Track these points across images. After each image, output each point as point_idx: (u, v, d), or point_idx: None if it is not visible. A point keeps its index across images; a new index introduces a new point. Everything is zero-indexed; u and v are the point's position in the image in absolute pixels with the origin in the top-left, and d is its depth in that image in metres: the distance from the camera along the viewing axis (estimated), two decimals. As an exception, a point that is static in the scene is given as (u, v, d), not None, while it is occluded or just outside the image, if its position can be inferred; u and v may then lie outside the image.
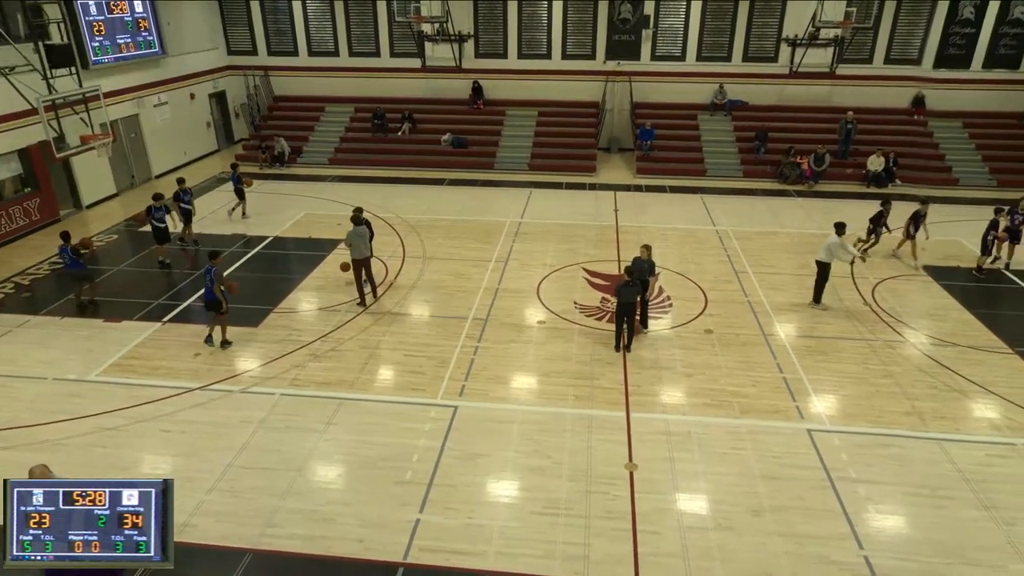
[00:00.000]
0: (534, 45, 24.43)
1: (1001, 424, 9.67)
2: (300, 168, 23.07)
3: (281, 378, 10.70)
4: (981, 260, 14.57)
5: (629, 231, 17.15)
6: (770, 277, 14.41)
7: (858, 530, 7.75)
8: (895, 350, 11.60)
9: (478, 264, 15.10)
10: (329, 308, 13.03)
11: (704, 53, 23.82)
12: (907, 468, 8.77)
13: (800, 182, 21.05)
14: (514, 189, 20.94)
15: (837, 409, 10.06)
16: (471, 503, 8.16)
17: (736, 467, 8.77)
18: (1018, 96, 22.87)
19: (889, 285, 14.06)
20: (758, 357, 11.38)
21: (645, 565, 7.28)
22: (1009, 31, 22.00)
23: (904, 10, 22.58)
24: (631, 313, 11.34)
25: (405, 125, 24.13)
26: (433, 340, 11.91)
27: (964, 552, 7.46)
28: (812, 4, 21.93)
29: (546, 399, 10.26)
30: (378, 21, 24.63)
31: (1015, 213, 14.50)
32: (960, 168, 21.43)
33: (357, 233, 12.75)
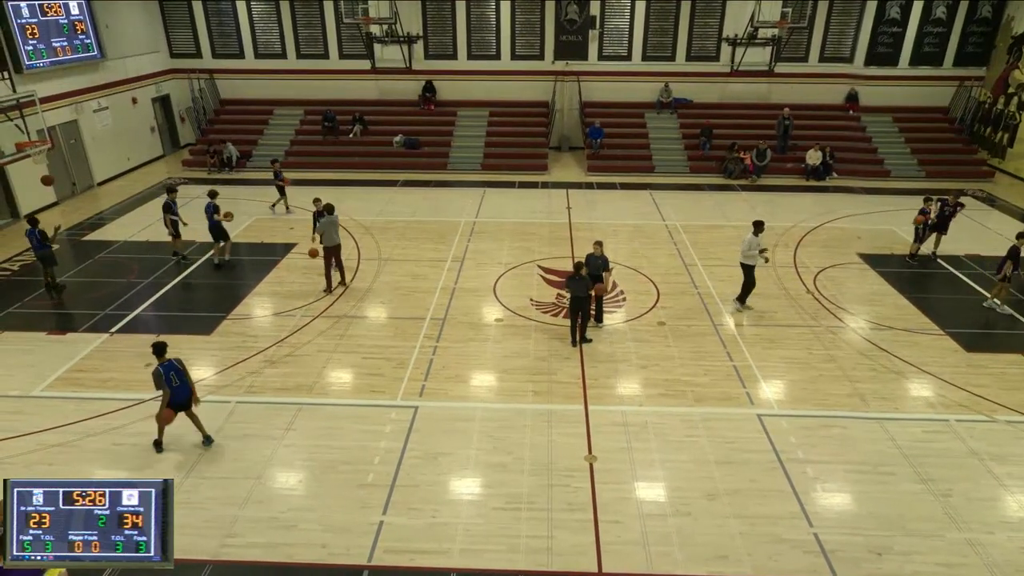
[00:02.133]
0: (483, 46, 24.54)
1: (935, 402, 10.25)
2: (250, 172, 22.64)
3: (236, 385, 10.55)
4: (913, 247, 15.33)
5: (582, 228, 17.43)
6: (718, 269, 14.87)
7: (807, 508, 8.12)
8: (837, 335, 12.15)
9: (434, 264, 15.14)
10: (284, 313, 12.88)
11: (649, 53, 24.35)
12: (850, 447, 9.22)
13: (744, 177, 21.74)
14: (467, 189, 21.02)
15: (784, 394, 10.49)
16: (434, 502, 8.23)
17: (691, 454, 9.07)
18: (942, 91, 24.13)
19: (829, 273, 14.68)
20: (709, 347, 11.76)
21: (607, 554, 7.49)
22: (932, 30, 23.18)
23: (836, 10, 23.54)
24: (585, 307, 11.58)
25: (356, 127, 23.93)
26: (391, 341, 11.91)
27: (904, 524, 7.90)
28: (750, 5, 22.67)
29: (505, 396, 10.39)
30: (326, 22, 24.35)
31: (946, 206, 15.31)
32: (891, 161, 22.48)
33: (330, 222, 13.33)
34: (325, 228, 13.29)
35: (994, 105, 23.06)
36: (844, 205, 19.36)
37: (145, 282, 14.16)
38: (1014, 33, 22.20)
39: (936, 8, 22.81)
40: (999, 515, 8.05)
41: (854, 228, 17.48)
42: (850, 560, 7.38)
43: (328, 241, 13.38)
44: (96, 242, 16.32)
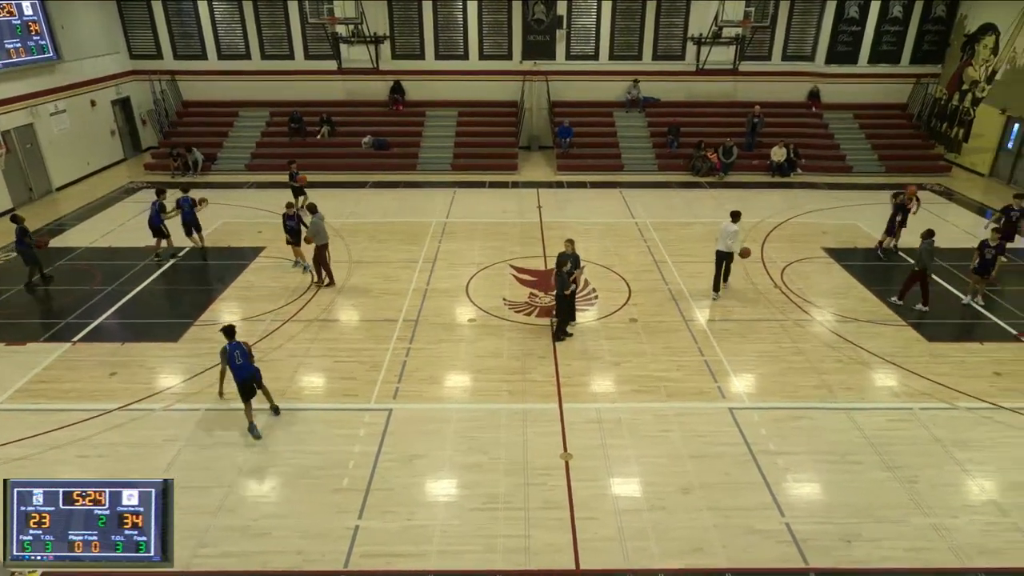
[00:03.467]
0: (451, 46, 24.47)
1: (900, 391, 10.52)
2: (215, 175, 22.24)
3: (206, 393, 10.35)
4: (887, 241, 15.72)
5: (553, 227, 17.50)
6: (688, 265, 15.05)
7: (779, 499, 8.27)
8: (804, 328, 12.39)
9: (406, 266, 15.05)
10: (254, 318, 12.69)
11: (616, 52, 24.54)
12: (819, 437, 9.42)
13: (711, 174, 22.04)
14: (438, 189, 20.94)
15: (755, 387, 10.67)
16: (411, 505, 8.19)
17: (665, 449, 9.17)
18: (900, 88, 24.79)
19: (795, 268, 14.96)
20: (680, 342, 11.90)
21: (584, 551, 7.53)
22: (890, 29, 23.79)
23: (797, 10, 24.02)
24: (560, 303, 11.68)
25: (324, 128, 23.67)
26: (363, 344, 11.81)
27: (873, 511, 8.09)
28: (714, 4, 22.99)
29: (480, 396, 10.38)
30: (290, 23, 24.03)
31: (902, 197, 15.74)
32: (853, 156, 23.00)
33: (320, 218, 13.76)
34: (318, 228, 13.57)
35: (949, 101, 23.76)
36: (808, 200, 19.76)
37: (108, 289, 13.81)
38: (967, 32, 22.90)
39: (893, 8, 23.43)
40: (962, 500, 8.29)
41: (819, 223, 17.85)
42: (821, 548, 7.54)
43: (321, 239, 13.62)
44: (56, 249, 15.86)
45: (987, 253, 12.76)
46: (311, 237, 13.65)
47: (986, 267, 12.88)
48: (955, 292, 13.71)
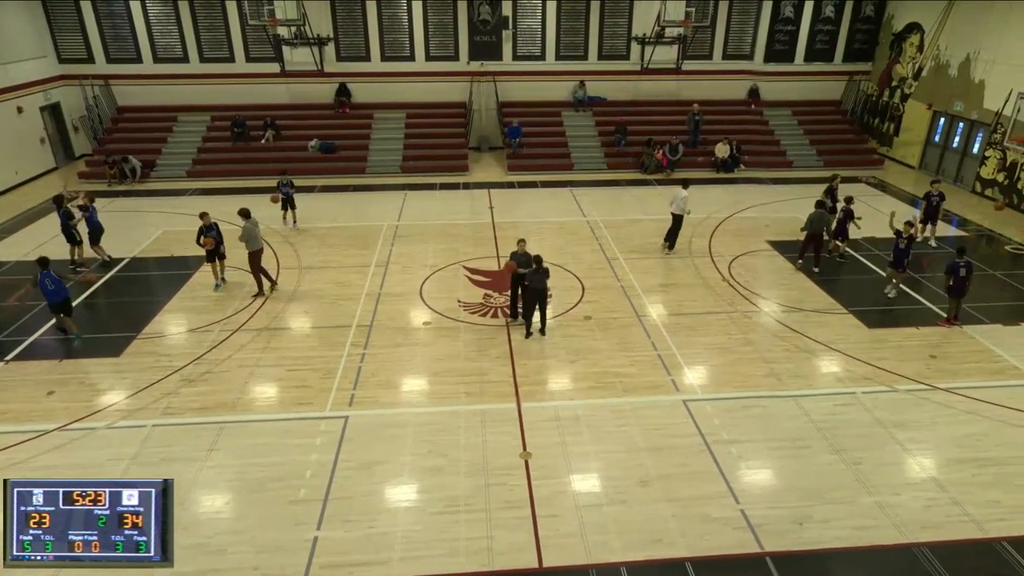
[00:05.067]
0: (397, 47, 24.26)
1: (844, 376, 10.93)
2: (155, 183, 21.49)
3: (152, 408, 10.00)
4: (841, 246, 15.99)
5: (505, 227, 17.53)
6: (639, 262, 15.30)
7: (734, 487, 8.48)
8: (752, 319, 12.75)
9: (357, 270, 14.85)
10: (201, 329, 12.31)
11: (562, 52, 24.76)
12: (770, 425, 9.70)
13: (659, 171, 22.46)
14: (388, 192, 20.73)
15: (707, 378, 10.92)
16: (371, 512, 8.09)
17: (623, 443, 9.30)
18: (835, 85, 25.78)
19: (742, 261, 15.38)
20: (635, 338, 12.09)
21: (547, 548, 7.57)
22: (823, 28, 24.70)
23: (736, 10, 24.70)
24: (543, 299, 11.78)
25: (268, 132, 23.14)
26: (317, 351, 11.60)
27: (822, 493, 8.38)
28: (656, 4, 23.44)
29: (438, 399, 10.33)
30: (229, 24, 23.40)
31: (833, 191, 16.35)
32: (793, 152, 23.80)
33: (254, 223, 13.32)
34: (252, 232, 13.13)
35: (880, 97, 24.83)
36: (752, 195, 20.33)
37: (43, 304, 13.16)
38: (894, 30, 23.96)
39: (825, 7, 24.33)
40: (904, 478, 8.67)
41: (762, 217, 18.39)
42: (775, 532, 7.77)
43: (254, 245, 13.22)
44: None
45: (900, 243, 13.09)
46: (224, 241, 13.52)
47: (900, 259, 13.17)
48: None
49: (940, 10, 21.53)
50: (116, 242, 15.88)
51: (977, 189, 20.30)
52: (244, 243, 13.18)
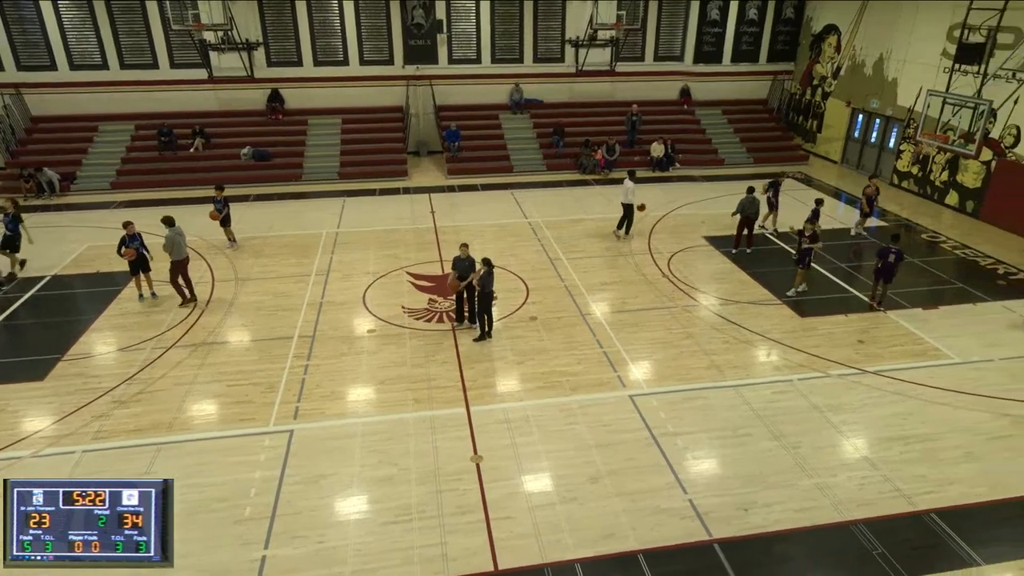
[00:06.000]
0: (330, 52, 23.83)
1: (780, 365, 11.35)
2: (76, 196, 20.43)
3: (81, 433, 9.50)
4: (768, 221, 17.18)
5: (448, 231, 17.46)
6: (581, 261, 15.50)
7: (681, 477, 8.69)
8: (692, 313, 13.09)
9: (297, 280, 14.51)
10: (132, 347, 11.78)
11: (498, 56, 24.85)
12: (713, 415, 9.99)
13: (597, 171, 22.82)
14: (326, 199, 20.34)
15: (651, 373, 11.15)
16: (320, 527, 7.91)
17: (572, 441, 9.39)
18: (760, 85, 26.77)
19: (680, 257, 15.78)
20: (580, 336, 12.23)
21: (501, 551, 7.57)
22: (747, 30, 25.65)
23: (665, 12, 25.34)
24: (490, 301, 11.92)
25: (197, 140, 22.34)
26: (257, 365, 11.27)
27: (765, 478, 8.68)
28: (588, 7, 23.82)
29: (386, 407, 10.19)
30: (151, 29, 22.46)
31: (777, 186, 17.04)
32: (724, 150, 24.59)
33: (178, 232, 12.97)
34: (176, 241, 12.81)
35: (803, 96, 25.94)
36: (687, 193, 20.89)
37: (-45, 328, 12.36)
38: (813, 32, 25.08)
39: (749, 10, 25.28)
40: (839, 459, 9.07)
41: (698, 213, 18.93)
42: (722, 519, 8.00)
43: (178, 254, 12.89)
44: None
45: (803, 242, 13.34)
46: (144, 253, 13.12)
47: (803, 257, 13.35)
48: (821, 271, 14.94)
49: (855, 12, 22.66)
50: (35, 260, 15.03)
51: (895, 182, 21.44)
52: (168, 252, 12.79)
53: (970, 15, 17.03)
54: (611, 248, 16.25)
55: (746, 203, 15.67)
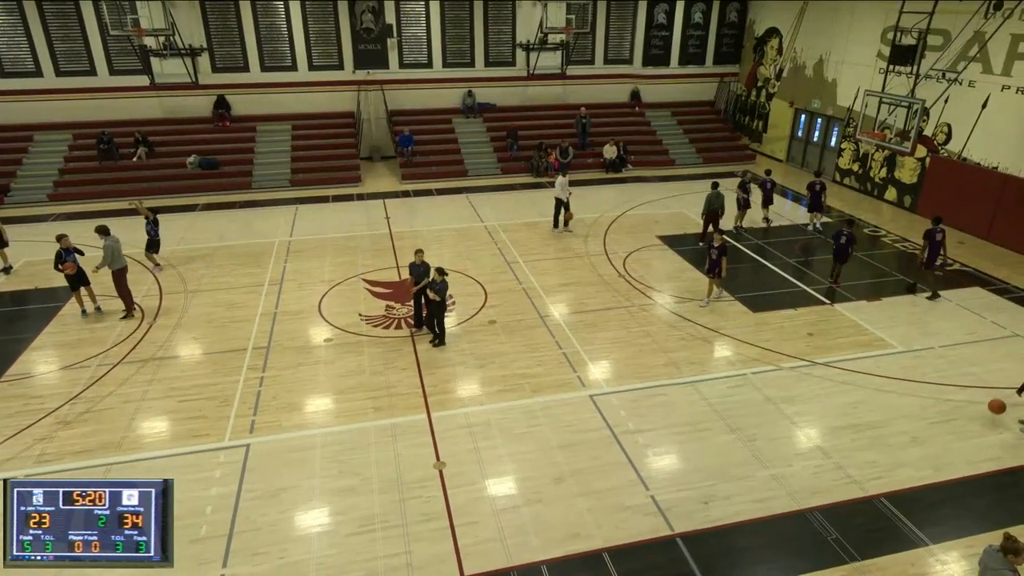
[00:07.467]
0: (277, 57, 23.39)
1: (735, 360, 11.61)
2: (11, 209, 19.52)
3: (22, 457, 9.08)
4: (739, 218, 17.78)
5: (404, 237, 17.32)
6: (538, 263, 15.57)
7: (643, 474, 8.80)
8: (649, 312, 13.29)
9: (250, 290, 14.17)
10: (76, 365, 11.31)
11: (450, 60, 24.80)
12: (672, 411, 10.15)
13: (548, 174, 22.96)
14: (278, 207, 19.94)
15: (611, 372, 11.27)
16: (281, 542, 7.73)
17: (535, 443, 9.42)
18: (707, 87, 27.40)
19: (635, 257, 16.01)
20: (539, 338, 12.28)
21: (467, 556, 7.53)
22: (694, 33, 26.23)
23: (614, 16, 25.71)
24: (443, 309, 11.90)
25: (140, 149, 21.62)
26: (210, 379, 10.96)
27: (724, 471, 8.86)
28: (538, 11, 23.99)
29: (345, 417, 10.03)
30: (88, 34, 21.66)
31: (746, 184, 17.44)
32: (674, 150, 25.07)
33: (115, 240, 12.72)
34: (116, 250, 12.60)
35: (748, 97, 26.66)
36: (640, 194, 21.22)
37: None
38: (756, 35, 25.81)
39: (694, 14, 25.85)
40: (794, 449, 9.33)
41: (652, 214, 19.23)
42: (684, 514, 8.13)
43: (119, 263, 12.68)
44: None
45: (712, 253, 13.15)
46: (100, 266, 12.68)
47: (712, 267, 13.23)
48: (771, 267, 15.37)
49: (795, 15, 23.41)
50: None
51: (837, 178, 22.21)
52: (109, 264, 12.43)
53: (901, 18, 17.78)
54: (567, 250, 16.38)
55: (712, 198, 16.32)
